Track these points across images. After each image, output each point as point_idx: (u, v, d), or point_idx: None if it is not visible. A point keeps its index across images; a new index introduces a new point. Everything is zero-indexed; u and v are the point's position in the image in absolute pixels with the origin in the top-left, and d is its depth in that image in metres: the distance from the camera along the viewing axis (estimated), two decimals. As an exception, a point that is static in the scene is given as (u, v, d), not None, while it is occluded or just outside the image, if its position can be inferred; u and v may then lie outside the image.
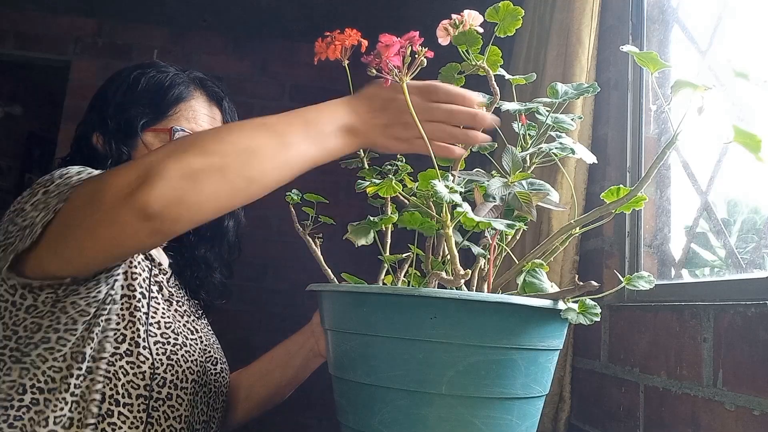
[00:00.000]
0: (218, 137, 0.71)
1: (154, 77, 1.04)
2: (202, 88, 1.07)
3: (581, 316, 0.67)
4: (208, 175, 0.68)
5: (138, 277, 0.93)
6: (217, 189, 0.69)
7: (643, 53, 0.70)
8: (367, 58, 0.73)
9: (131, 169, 0.70)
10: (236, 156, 0.70)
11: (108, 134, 1.01)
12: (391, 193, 0.75)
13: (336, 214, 0.93)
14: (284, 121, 0.74)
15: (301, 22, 2.71)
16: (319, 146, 0.74)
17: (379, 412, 0.68)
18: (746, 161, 0.64)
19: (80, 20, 2.86)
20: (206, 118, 1.05)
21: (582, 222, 0.75)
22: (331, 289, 0.76)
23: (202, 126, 1.04)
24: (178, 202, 0.67)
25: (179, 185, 0.67)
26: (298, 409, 2.66)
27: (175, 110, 1.02)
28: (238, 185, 0.70)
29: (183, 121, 1.02)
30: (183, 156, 0.68)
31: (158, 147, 0.74)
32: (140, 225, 0.67)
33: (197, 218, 0.70)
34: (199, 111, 1.05)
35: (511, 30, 0.74)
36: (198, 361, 0.98)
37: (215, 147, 0.70)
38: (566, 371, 1.33)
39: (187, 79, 1.06)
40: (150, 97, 1.02)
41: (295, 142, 0.73)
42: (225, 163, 0.69)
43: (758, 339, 0.83)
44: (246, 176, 0.70)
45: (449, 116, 0.76)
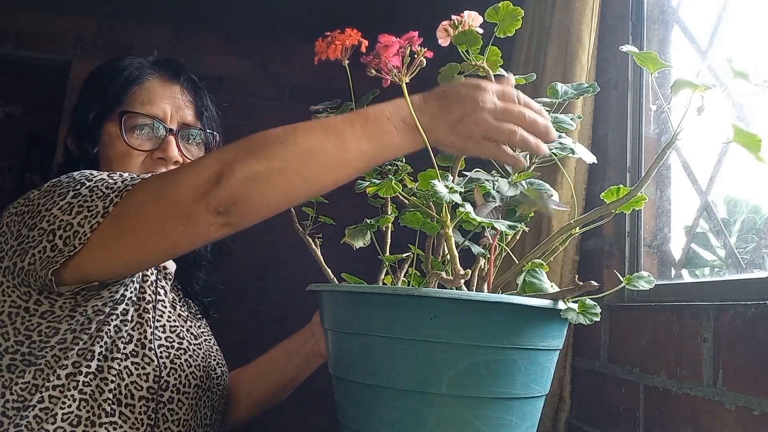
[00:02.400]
0: (280, 139, 0.74)
1: (105, 70, 1.04)
2: (156, 69, 1.05)
3: (581, 316, 0.67)
4: (270, 177, 0.72)
5: (148, 279, 0.94)
6: (278, 190, 0.73)
7: (642, 53, 0.70)
8: (366, 59, 0.73)
9: (204, 168, 0.73)
10: (296, 158, 0.72)
11: (74, 135, 1.02)
12: (391, 193, 0.75)
13: (336, 214, 0.93)
14: (345, 120, 0.74)
15: (301, 22, 2.71)
16: (377, 143, 0.73)
17: (379, 412, 0.68)
18: (746, 161, 0.64)
19: (80, 20, 2.86)
20: (165, 98, 1.03)
21: (582, 222, 0.75)
22: (331, 289, 0.76)
23: (161, 107, 1.01)
24: (246, 201, 0.72)
25: (246, 186, 0.71)
26: (298, 409, 2.66)
27: (128, 95, 1.01)
28: (298, 186, 0.74)
29: (137, 104, 1.00)
30: (249, 159, 0.72)
31: (230, 145, 0.76)
32: (213, 219, 0.72)
33: (263, 214, 0.75)
34: (155, 92, 1.02)
35: (511, 30, 0.74)
36: (201, 365, 0.98)
37: (277, 150, 0.72)
38: (566, 371, 1.33)
39: (139, 64, 1.05)
40: (102, 89, 1.02)
41: (354, 141, 0.73)
42: (285, 165, 0.72)
43: (758, 339, 0.83)
44: (305, 177, 0.73)
45: (526, 122, 0.71)
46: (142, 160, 0.99)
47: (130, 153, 0.98)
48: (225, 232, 0.75)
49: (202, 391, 0.97)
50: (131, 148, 0.98)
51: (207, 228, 0.73)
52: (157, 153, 0.99)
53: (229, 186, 0.71)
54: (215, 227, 0.73)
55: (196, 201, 0.72)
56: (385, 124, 0.72)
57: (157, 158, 0.99)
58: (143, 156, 0.99)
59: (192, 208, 0.72)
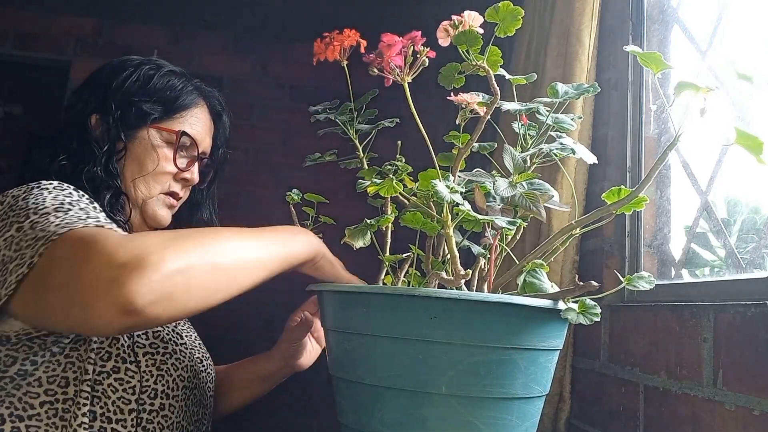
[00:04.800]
0: (211, 233, 0.73)
1: (167, 77, 1.06)
2: (205, 99, 1.10)
3: (581, 316, 0.67)
4: (202, 272, 0.67)
5: None
6: (207, 287, 0.68)
7: (646, 54, 0.70)
8: (368, 58, 0.73)
9: (120, 247, 0.64)
10: (227, 254, 0.71)
11: (110, 119, 0.99)
12: (391, 193, 0.75)
13: (336, 214, 0.93)
14: (255, 229, 0.79)
15: (301, 23, 2.71)
16: (286, 247, 0.79)
17: (379, 412, 0.68)
18: (746, 161, 0.64)
19: (80, 20, 2.86)
20: (206, 129, 1.08)
21: (582, 222, 0.75)
22: (331, 289, 0.76)
23: (202, 135, 1.07)
24: (168, 298, 0.64)
25: (174, 281, 0.64)
26: (298, 409, 2.66)
27: (183, 114, 1.04)
28: (224, 284, 0.71)
29: (187, 126, 1.04)
30: (181, 248, 0.66)
31: (155, 232, 0.70)
32: (116, 319, 0.62)
33: (177, 315, 0.67)
34: (203, 120, 1.07)
35: (511, 30, 0.74)
36: (188, 366, 0.97)
37: (212, 243, 0.70)
38: (566, 371, 1.33)
39: (195, 88, 1.08)
40: (163, 95, 1.03)
41: (269, 243, 0.78)
42: (217, 261, 0.69)
43: (758, 339, 0.83)
44: (232, 276, 0.71)
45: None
46: (173, 177, 1.03)
47: (169, 170, 1.01)
48: (125, 331, 0.66)
49: (190, 390, 0.96)
50: (175, 166, 1.02)
51: (106, 325, 0.63)
52: (185, 174, 1.03)
53: (151, 278, 0.62)
54: (116, 326, 0.63)
55: (101, 290, 0.62)
56: (287, 232, 0.82)
57: (181, 178, 1.03)
58: (175, 174, 1.03)
59: (94, 296, 0.62)
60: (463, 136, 0.81)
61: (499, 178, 0.73)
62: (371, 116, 0.90)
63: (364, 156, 0.89)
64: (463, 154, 0.78)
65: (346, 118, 0.88)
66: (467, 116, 0.79)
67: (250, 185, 2.74)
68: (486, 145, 0.88)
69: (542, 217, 0.70)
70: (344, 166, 0.91)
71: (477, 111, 0.77)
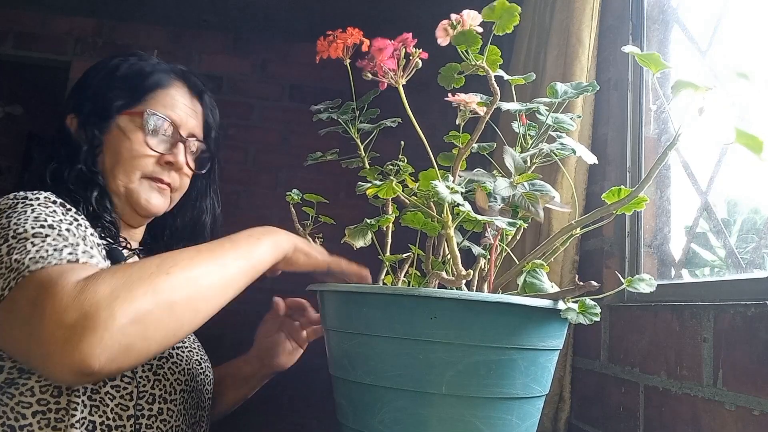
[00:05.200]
0: (164, 269, 0.68)
1: (135, 64, 1.04)
2: (183, 79, 1.06)
3: (581, 316, 0.67)
4: (159, 315, 0.65)
5: None
6: (166, 328, 0.66)
7: (645, 54, 0.70)
8: (362, 63, 0.73)
9: (72, 303, 0.62)
10: (183, 288, 0.68)
11: (83, 116, 1.00)
12: (390, 195, 0.75)
13: (336, 214, 0.93)
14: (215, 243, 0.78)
15: (301, 22, 2.71)
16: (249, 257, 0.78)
17: (379, 412, 0.68)
18: (746, 161, 0.64)
19: (80, 20, 2.86)
20: (186, 109, 1.04)
21: (582, 222, 0.75)
22: (331, 289, 0.76)
23: (180, 116, 1.02)
24: (126, 351, 0.62)
25: (128, 332, 0.62)
26: (298, 409, 2.66)
27: (153, 95, 1.01)
28: (187, 318, 0.69)
29: (159, 106, 1.01)
30: (131, 296, 0.63)
31: (96, 276, 0.65)
32: (75, 378, 0.61)
33: (141, 361, 0.66)
34: (179, 100, 1.04)
35: (510, 27, 0.74)
36: (185, 369, 0.96)
37: (162, 283, 0.67)
38: (566, 371, 1.33)
39: (168, 69, 1.06)
40: (129, 81, 1.01)
41: (230, 259, 0.76)
42: (173, 299, 0.67)
43: (758, 339, 0.83)
44: (193, 308, 0.69)
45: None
46: (154, 162, 0.99)
47: (143, 152, 0.98)
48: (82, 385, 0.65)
49: (188, 393, 0.95)
50: (149, 147, 0.98)
51: (62, 379, 0.63)
52: (167, 157, 1.00)
53: (104, 338, 0.60)
54: (73, 381, 0.64)
55: (55, 349, 0.60)
56: (249, 240, 0.80)
57: (165, 162, 1.00)
58: (155, 157, 0.99)
59: (50, 353, 0.60)
60: (463, 137, 0.81)
61: (499, 178, 0.73)
62: (373, 116, 0.90)
63: (365, 155, 0.89)
64: (464, 155, 0.78)
65: (347, 117, 0.88)
66: (467, 116, 0.79)
67: (250, 185, 2.74)
68: (486, 146, 0.88)
69: (540, 219, 0.70)
70: (345, 165, 0.91)
71: (476, 111, 0.77)
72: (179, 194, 1.07)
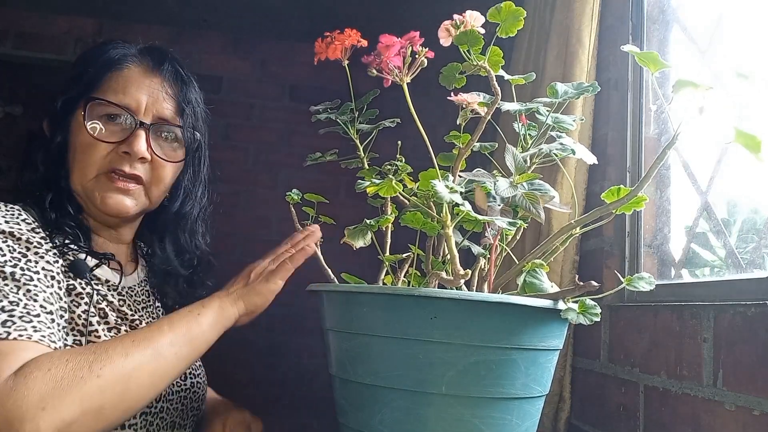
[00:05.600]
0: (93, 372, 0.67)
1: (88, 54, 0.97)
2: (139, 57, 0.96)
3: (581, 316, 0.67)
4: (86, 421, 0.65)
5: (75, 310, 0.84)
6: (94, 429, 0.66)
7: (643, 53, 0.70)
8: (367, 59, 0.73)
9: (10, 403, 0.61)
10: (114, 389, 0.67)
11: (50, 118, 0.96)
12: (391, 193, 0.75)
13: (336, 214, 0.93)
14: (154, 328, 0.77)
15: (301, 22, 2.71)
16: (188, 342, 0.79)
17: (379, 412, 0.68)
18: (746, 161, 0.64)
19: (80, 20, 2.86)
20: (142, 88, 0.93)
21: (582, 222, 0.75)
22: (332, 289, 0.76)
23: (135, 97, 0.92)
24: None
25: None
26: (298, 409, 2.66)
27: (103, 82, 0.92)
28: (116, 417, 0.68)
29: (109, 92, 0.91)
30: (59, 406, 0.63)
31: (27, 373, 0.64)
32: None
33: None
34: (131, 81, 0.93)
35: (513, 30, 0.74)
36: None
37: (92, 387, 0.66)
38: (566, 371, 1.33)
39: (122, 50, 0.96)
40: (82, 72, 0.94)
41: (167, 348, 0.76)
42: (102, 403, 0.66)
43: (758, 339, 0.83)
44: (124, 408, 0.69)
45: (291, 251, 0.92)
46: (107, 153, 0.90)
47: (93, 144, 0.90)
48: None
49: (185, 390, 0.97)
50: (93, 138, 0.89)
51: None
52: (122, 147, 0.90)
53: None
54: None
55: None
56: (188, 318, 0.81)
57: (122, 152, 0.90)
58: (108, 148, 0.90)
59: None
60: (464, 136, 0.81)
61: (500, 178, 0.73)
62: (372, 116, 0.90)
63: (364, 156, 0.89)
64: (464, 154, 0.78)
65: (347, 117, 0.88)
66: (468, 116, 0.79)
67: (250, 185, 2.74)
68: (486, 145, 0.88)
69: (541, 219, 0.70)
70: (345, 165, 0.91)
71: (477, 111, 0.77)
72: (159, 187, 0.96)
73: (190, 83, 1.01)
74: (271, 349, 2.54)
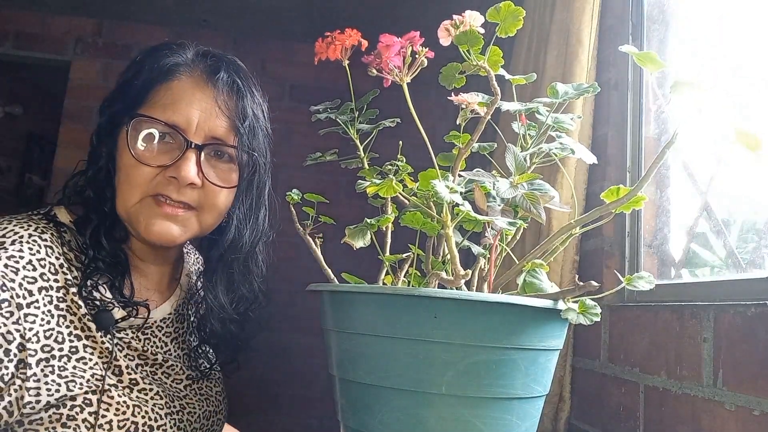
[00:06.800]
0: None
1: (138, 59, 0.88)
2: (192, 66, 0.87)
3: (581, 316, 0.67)
4: None
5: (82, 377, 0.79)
6: None
7: (642, 53, 0.70)
8: (367, 59, 0.73)
9: None
10: None
11: (96, 132, 0.88)
12: (391, 193, 0.75)
13: (336, 213, 0.93)
14: None
15: (301, 22, 2.71)
16: None
17: (379, 412, 0.68)
18: (746, 161, 0.64)
19: (80, 20, 2.86)
20: (193, 103, 0.84)
21: (582, 222, 0.75)
22: (332, 289, 0.76)
23: (185, 114, 0.83)
24: None
25: None
26: (298, 409, 2.66)
27: (151, 95, 0.84)
28: None
29: (157, 108, 0.83)
30: None
31: None
32: None
33: None
34: (181, 95, 0.84)
35: (512, 30, 0.74)
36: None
37: None
38: (566, 371, 1.33)
39: (175, 58, 0.87)
40: (129, 83, 0.86)
41: None
42: None
43: (758, 339, 0.83)
44: None
45: None
46: (153, 176, 0.82)
47: (137, 166, 0.82)
48: None
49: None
50: (139, 160, 0.81)
51: None
52: (170, 170, 0.82)
53: None
54: None
55: None
56: None
57: (169, 176, 0.82)
58: (155, 171, 0.82)
59: None
60: (464, 136, 0.81)
61: (500, 178, 0.73)
62: (372, 116, 0.90)
63: (364, 156, 0.89)
64: (464, 155, 0.78)
65: (347, 117, 0.88)
66: (467, 116, 0.79)
67: (250, 185, 2.73)
68: (486, 146, 0.88)
69: (542, 220, 0.70)
70: (345, 165, 0.91)
71: (477, 111, 0.77)
72: (212, 213, 0.87)
73: (249, 94, 0.91)
74: (271, 349, 2.54)
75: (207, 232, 0.90)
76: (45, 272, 0.78)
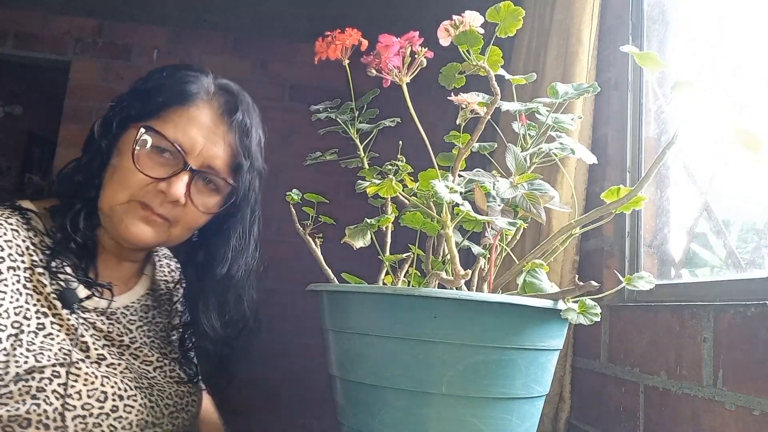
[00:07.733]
0: None
1: (168, 75, 0.94)
2: (213, 98, 0.94)
3: (581, 316, 0.67)
4: None
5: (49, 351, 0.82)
6: None
7: (643, 53, 0.70)
8: (367, 59, 0.73)
9: None
10: None
11: (102, 124, 0.93)
12: (391, 194, 0.75)
13: (336, 214, 0.93)
14: None
15: (301, 22, 2.71)
16: None
17: (379, 412, 0.68)
18: (746, 161, 0.64)
19: (80, 20, 2.86)
20: (207, 134, 0.91)
21: (582, 222, 0.75)
22: (331, 289, 0.76)
23: (193, 140, 0.89)
24: None
25: None
26: (298, 409, 2.66)
27: (170, 112, 0.90)
28: None
29: (169, 126, 0.89)
30: None
31: None
32: None
33: None
34: (194, 122, 0.90)
35: (512, 30, 0.74)
36: (133, 422, 0.88)
37: None
38: (566, 371, 1.33)
39: (198, 84, 0.93)
40: (149, 92, 0.92)
41: None
42: None
43: (758, 339, 0.83)
44: None
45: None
46: (145, 185, 0.87)
47: (134, 172, 0.87)
48: None
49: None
50: (138, 168, 0.87)
51: None
52: (161, 184, 0.87)
53: None
54: None
55: None
56: None
57: (158, 189, 0.88)
58: (147, 181, 0.87)
59: None
60: (464, 137, 0.81)
61: (500, 178, 0.73)
62: (372, 116, 0.90)
63: (364, 155, 0.89)
64: (464, 155, 0.78)
65: (347, 117, 0.88)
66: (467, 116, 0.79)
67: (250, 185, 2.73)
68: (486, 146, 0.88)
69: (542, 220, 0.70)
70: (345, 165, 0.91)
71: (477, 111, 0.77)
72: (182, 230, 0.94)
73: (256, 136, 0.99)
74: (271, 349, 2.54)
75: (173, 243, 0.97)
76: (12, 253, 0.83)
